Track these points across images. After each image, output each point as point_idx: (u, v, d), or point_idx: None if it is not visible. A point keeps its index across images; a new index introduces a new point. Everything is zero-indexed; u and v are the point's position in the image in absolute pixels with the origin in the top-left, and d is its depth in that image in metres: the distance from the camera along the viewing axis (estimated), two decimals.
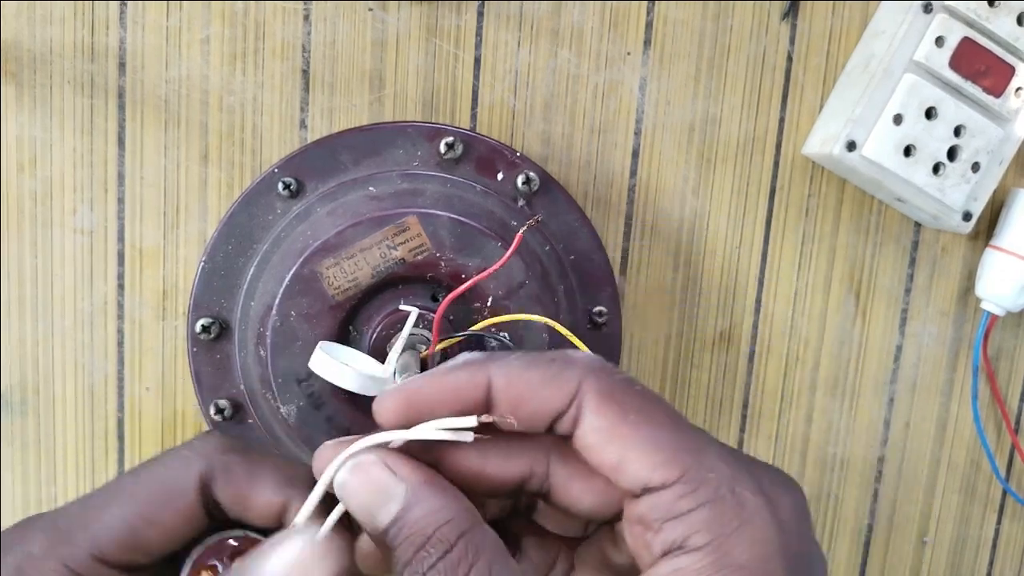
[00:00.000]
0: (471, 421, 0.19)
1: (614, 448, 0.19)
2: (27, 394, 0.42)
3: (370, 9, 0.41)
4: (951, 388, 0.48)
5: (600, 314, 0.41)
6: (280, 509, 0.22)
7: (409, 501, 0.19)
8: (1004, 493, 0.49)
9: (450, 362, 0.21)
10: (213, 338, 0.39)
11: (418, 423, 0.20)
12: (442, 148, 0.39)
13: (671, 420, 0.19)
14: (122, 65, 0.40)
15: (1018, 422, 0.49)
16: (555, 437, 0.20)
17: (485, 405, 0.19)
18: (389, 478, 0.19)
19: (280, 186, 0.38)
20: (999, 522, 0.49)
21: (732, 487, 0.18)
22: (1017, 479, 0.49)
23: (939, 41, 0.41)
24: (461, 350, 0.37)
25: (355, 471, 0.19)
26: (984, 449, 0.48)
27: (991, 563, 0.50)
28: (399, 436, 0.20)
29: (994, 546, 0.49)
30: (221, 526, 0.23)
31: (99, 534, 0.20)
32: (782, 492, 0.19)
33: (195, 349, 0.39)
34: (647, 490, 0.18)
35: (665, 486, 0.18)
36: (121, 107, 0.41)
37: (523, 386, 0.19)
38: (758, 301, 0.46)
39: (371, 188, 0.38)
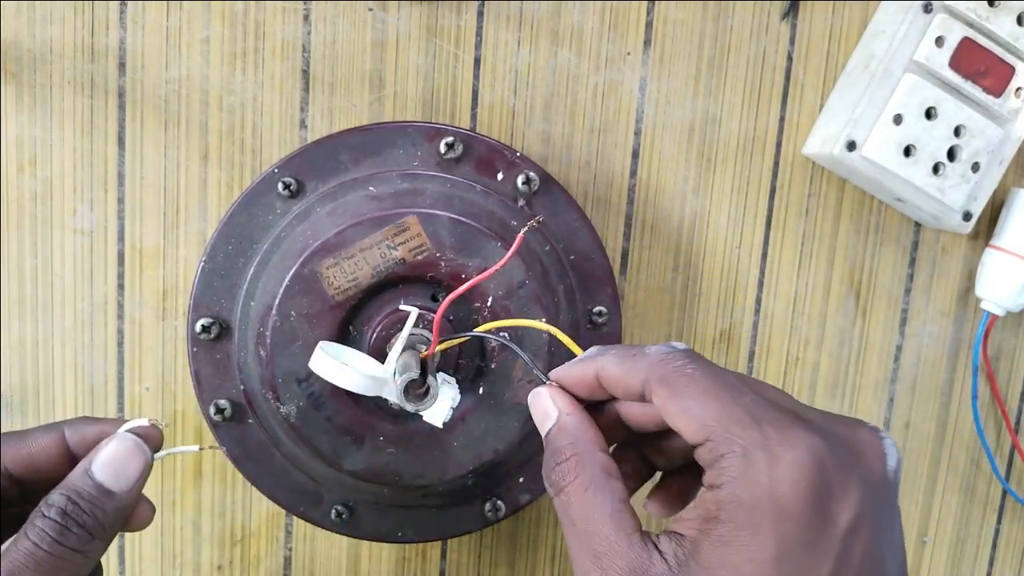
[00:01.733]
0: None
1: (669, 419, 0.26)
2: (27, 394, 0.42)
3: (370, 9, 0.41)
4: (951, 388, 0.48)
5: (600, 314, 0.41)
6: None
7: (557, 422, 0.28)
8: (1004, 493, 0.49)
9: (583, 354, 0.30)
10: (213, 338, 0.39)
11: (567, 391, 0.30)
12: (442, 148, 0.39)
13: (707, 395, 0.26)
14: (122, 65, 0.40)
15: (1018, 422, 0.49)
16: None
17: (598, 384, 0.29)
18: (551, 406, 0.29)
19: (280, 186, 0.38)
20: (999, 522, 0.49)
21: (743, 444, 0.24)
22: (1017, 479, 0.49)
23: (939, 41, 0.41)
24: (462, 350, 0.38)
25: (535, 397, 0.30)
26: (984, 449, 0.48)
27: (991, 563, 0.50)
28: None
29: (994, 546, 0.49)
30: None
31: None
32: (788, 448, 0.24)
33: (195, 349, 0.39)
34: (692, 446, 0.26)
35: (699, 444, 0.25)
36: (121, 107, 0.41)
37: (613, 376, 0.28)
38: (758, 301, 0.46)
39: (371, 188, 0.38)
